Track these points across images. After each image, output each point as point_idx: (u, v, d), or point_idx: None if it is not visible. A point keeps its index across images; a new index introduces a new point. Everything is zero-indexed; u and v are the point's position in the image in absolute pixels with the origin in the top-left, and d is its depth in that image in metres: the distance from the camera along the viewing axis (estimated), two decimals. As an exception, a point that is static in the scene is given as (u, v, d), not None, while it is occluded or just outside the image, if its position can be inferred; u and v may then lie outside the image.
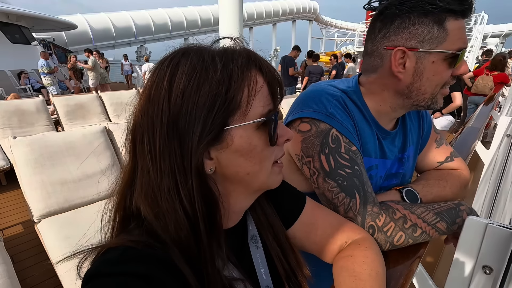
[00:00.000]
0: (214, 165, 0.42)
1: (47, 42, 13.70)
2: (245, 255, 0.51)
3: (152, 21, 20.65)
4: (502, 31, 30.54)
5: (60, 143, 2.05)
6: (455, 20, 0.64)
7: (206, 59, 0.39)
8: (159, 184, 0.39)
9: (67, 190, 1.94)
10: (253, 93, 0.40)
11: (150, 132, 0.39)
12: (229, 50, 0.42)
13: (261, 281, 0.50)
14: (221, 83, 0.38)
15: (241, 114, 0.40)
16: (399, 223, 0.63)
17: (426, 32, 0.65)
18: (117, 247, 0.38)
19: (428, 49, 0.66)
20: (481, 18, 12.24)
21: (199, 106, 0.38)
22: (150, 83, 0.40)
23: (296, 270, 0.55)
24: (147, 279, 0.34)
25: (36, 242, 2.06)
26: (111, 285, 0.34)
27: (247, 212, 0.54)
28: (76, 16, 17.52)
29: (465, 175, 0.87)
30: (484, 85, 5.09)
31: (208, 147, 0.40)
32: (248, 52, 0.43)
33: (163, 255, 0.38)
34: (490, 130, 4.48)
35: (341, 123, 0.70)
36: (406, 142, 0.85)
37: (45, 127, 4.00)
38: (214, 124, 0.38)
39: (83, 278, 0.36)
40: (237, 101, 0.39)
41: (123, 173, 0.44)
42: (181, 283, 0.37)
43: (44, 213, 1.82)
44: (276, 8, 27.77)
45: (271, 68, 0.44)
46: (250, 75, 0.41)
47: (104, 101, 4.73)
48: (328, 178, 0.67)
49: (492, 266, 0.60)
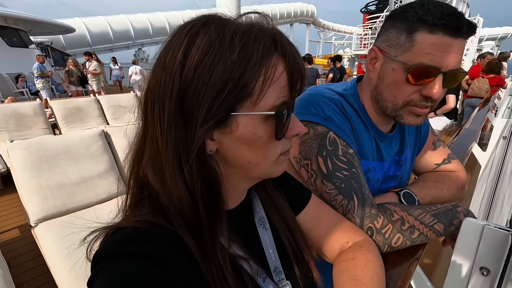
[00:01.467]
0: (216, 146, 0.40)
1: (44, 46, 13.69)
2: (251, 236, 0.50)
3: (150, 25, 20.71)
4: (498, 34, 30.85)
5: (58, 147, 2.04)
6: (428, 34, 0.60)
7: (226, 36, 0.36)
8: (165, 156, 0.38)
9: (64, 194, 1.93)
10: (268, 82, 0.37)
11: (160, 102, 0.38)
12: (254, 28, 0.38)
13: (270, 262, 0.50)
14: (236, 66, 0.36)
15: (251, 102, 0.37)
16: (397, 225, 0.64)
17: (395, 38, 0.65)
18: (125, 228, 0.38)
19: (392, 55, 0.65)
20: (477, 22, 12.38)
21: (209, 86, 0.36)
22: (166, 49, 0.39)
23: (304, 250, 0.55)
24: (154, 259, 0.34)
25: (33, 246, 2.04)
26: (119, 265, 0.34)
27: (254, 194, 0.54)
28: (74, 19, 17.54)
29: (462, 177, 0.87)
30: (480, 87, 5.14)
31: (211, 129, 0.38)
32: (274, 33, 0.39)
33: (170, 235, 0.38)
34: (486, 132, 4.51)
35: (339, 126, 0.71)
36: (404, 145, 0.86)
37: (43, 131, 3.98)
38: (220, 108, 0.36)
39: (92, 259, 0.36)
40: (249, 89, 0.37)
41: (136, 139, 0.43)
42: (188, 261, 0.38)
43: (41, 217, 1.81)
44: (274, 11, 27.93)
45: (296, 55, 0.40)
46: (269, 62, 0.37)
47: (102, 104, 4.72)
48: (326, 181, 0.68)
49: (489, 268, 0.60)
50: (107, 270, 0.34)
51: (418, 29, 0.61)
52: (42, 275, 2.12)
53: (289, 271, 0.52)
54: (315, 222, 0.60)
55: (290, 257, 0.53)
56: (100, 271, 0.34)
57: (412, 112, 0.68)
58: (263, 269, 0.46)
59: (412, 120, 0.69)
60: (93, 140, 2.22)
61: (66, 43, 16.72)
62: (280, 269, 0.50)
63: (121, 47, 20.62)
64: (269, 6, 28.19)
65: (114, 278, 0.33)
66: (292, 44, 0.41)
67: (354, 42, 19.69)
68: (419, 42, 0.61)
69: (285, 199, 0.57)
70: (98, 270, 0.34)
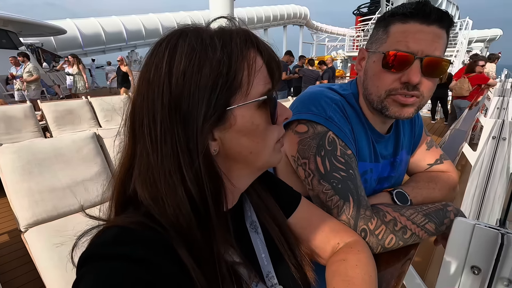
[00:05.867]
0: (218, 146, 0.42)
1: (35, 47, 13.46)
2: (244, 240, 0.50)
3: (143, 26, 20.57)
4: (487, 36, 31.48)
5: (48, 150, 2.00)
6: (401, 24, 0.65)
7: (205, 39, 0.39)
8: (159, 167, 0.39)
9: (55, 198, 1.89)
10: (253, 72, 0.40)
11: (150, 115, 0.38)
12: (226, 29, 0.42)
13: (263, 266, 0.50)
14: (222, 63, 0.38)
15: (242, 93, 0.40)
16: (389, 226, 0.64)
17: (375, 34, 0.71)
18: (112, 228, 0.38)
19: (373, 49, 0.71)
20: (466, 24, 12.62)
21: (201, 87, 0.37)
22: (148, 66, 0.40)
23: (297, 252, 0.55)
24: (143, 262, 0.34)
25: (23, 252, 2.00)
26: (106, 268, 0.33)
27: (245, 199, 0.54)
28: (65, 20, 17.34)
29: (453, 177, 0.89)
30: (461, 87, 5.46)
31: (213, 127, 0.40)
32: (245, 31, 0.42)
33: (159, 237, 0.38)
34: (477, 132, 4.58)
35: (339, 127, 0.71)
36: (398, 146, 0.87)
37: (33, 134, 3.91)
38: (217, 105, 0.38)
39: (78, 260, 0.35)
40: (238, 81, 0.39)
41: (122, 158, 0.44)
42: (177, 265, 0.37)
43: (32, 221, 1.77)
44: (267, 13, 28.03)
45: (268, 47, 0.43)
46: (249, 55, 0.41)
47: (94, 106, 4.66)
48: (323, 180, 0.68)
49: (480, 267, 0.61)
50: (92, 273, 0.33)
51: (391, 22, 0.67)
52: (33, 281, 2.07)
53: (282, 275, 0.51)
54: (306, 224, 0.60)
55: (283, 260, 0.53)
56: (86, 273, 0.33)
57: (395, 102, 0.69)
58: (256, 273, 0.46)
59: (397, 110, 0.70)
60: (84, 143, 2.19)
61: (57, 45, 16.50)
62: (273, 274, 0.50)
63: (114, 49, 20.43)
64: (262, 8, 28.28)
65: (99, 282, 0.32)
66: (261, 38, 0.44)
67: (347, 43, 19.88)
68: (393, 32, 0.67)
69: (276, 202, 0.57)
70: (84, 273, 0.33)
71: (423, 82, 0.66)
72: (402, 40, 0.65)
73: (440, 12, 0.63)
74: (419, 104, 0.70)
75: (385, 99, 0.70)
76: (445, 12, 0.64)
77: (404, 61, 0.64)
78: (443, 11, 0.64)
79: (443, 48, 0.66)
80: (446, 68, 0.67)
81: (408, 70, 0.65)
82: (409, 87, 0.66)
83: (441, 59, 0.65)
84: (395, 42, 0.66)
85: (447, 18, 0.64)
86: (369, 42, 0.74)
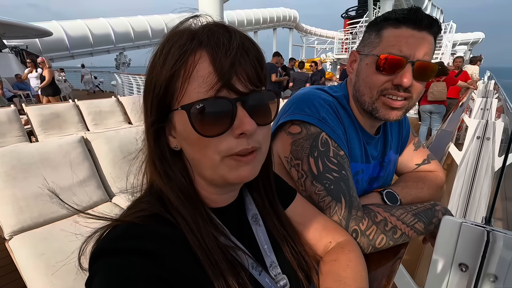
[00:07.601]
0: (177, 143, 0.44)
1: (19, 50, 13.11)
2: (245, 233, 0.52)
3: (132, 28, 20.29)
4: (470, 39, 32.50)
5: (34, 155, 1.95)
6: (393, 29, 0.68)
7: (165, 45, 0.41)
8: (148, 158, 0.46)
9: (41, 204, 1.84)
10: (187, 80, 0.39)
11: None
12: (182, 31, 0.41)
13: (265, 257, 0.51)
14: (162, 67, 0.40)
15: (177, 99, 0.41)
16: (380, 226, 0.65)
17: (367, 37, 0.73)
18: (122, 224, 0.40)
19: (365, 52, 0.73)
20: (450, 27, 12.99)
21: (149, 90, 0.42)
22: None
23: (298, 244, 0.56)
24: (152, 255, 0.36)
25: (8, 260, 1.93)
26: (117, 264, 0.35)
27: (246, 193, 0.55)
28: (51, 22, 16.94)
29: (441, 177, 0.91)
30: (440, 91, 5.12)
31: (164, 126, 0.43)
32: (196, 31, 0.40)
33: (166, 229, 0.40)
34: (462, 132, 4.71)
35: (332, 128, 0.72)
36: (387, 147, 0.88)
37: (18, 138, 3.79)
38: (160, 107, 0.42)
39: (90, 257, 0.37)
40: (174, 87, 0.40)
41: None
42: (185, 255, 0.39)
43: (16, 229, 1.71)
44: (257, 16, 28.15)
45: (223, 49, 0.38)
46: (187, 58, 0.39)
47: (82, 110, 4.55)
48: (316, 181, 0.68)
49: (467, 264, 0.62)
50: (105, 269, 0.34)
51: (384, 26, 0.69)
52: (18, 291, 2.00)
53: (285, 266, 0.53)
54: (300, 219, 0.61)
55: (285, 251, 0.54)
56: (98, 270, 0.35)
57: (386, 105, 0.71)
58: (259, 263, 0.47)
59: (387, 113, 0.72)
60: (72, 147, 2.13)
61: (43, 47, 16.09)
62: (276, 264, 0.51)
63: (102, 51, 20.06)
64: (252, 11, 28.39)
65: (111, 279, 0.33)
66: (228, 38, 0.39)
67: (336, 46, 20.16)
68: (386, 37, 0.69)
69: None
70: (96, 269, 0.35)
71: (413, 84, 0.68)
72: (395, 44, 0.67)
73: (431, 19, 0.67)
74: (407, 107, 0.73)
75: (376, 101, 0.72)
76: (435, 20, 0.67)
77: (397, 64, 0.67)
78: (434, 18, 0.67)
79: (432, 53, 0.69)
80: (435, 72, 0.70)
81: (400, 73, 0.67)
82: (400, 89, 0.69)
83: (431, 64, 0.69)
84: (388, 46, 0.68)
85: (436, 25, 0.67)
86: (360, 45, 0.76)
